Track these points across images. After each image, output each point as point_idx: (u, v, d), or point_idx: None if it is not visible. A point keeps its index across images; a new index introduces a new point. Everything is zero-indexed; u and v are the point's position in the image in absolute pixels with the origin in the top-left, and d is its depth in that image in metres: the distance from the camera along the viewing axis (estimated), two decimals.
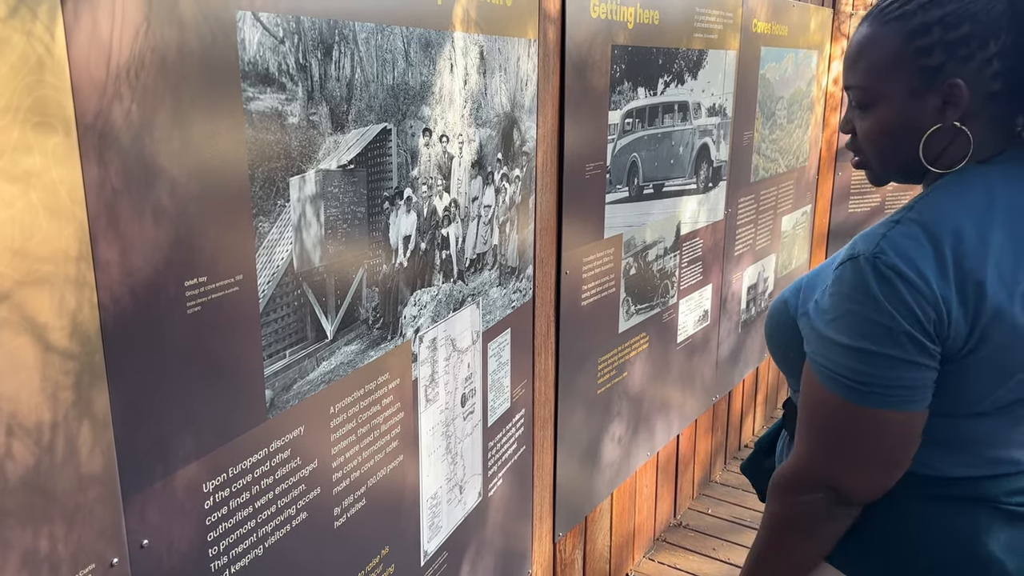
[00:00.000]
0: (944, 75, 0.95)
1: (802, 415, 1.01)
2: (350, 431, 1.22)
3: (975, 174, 0.97)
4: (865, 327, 0.92)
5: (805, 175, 3.55)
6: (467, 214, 1.49)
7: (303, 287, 1.08)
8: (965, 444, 0.99)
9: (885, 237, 0.93)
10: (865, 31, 1.01)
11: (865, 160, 1.05)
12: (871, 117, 1.01)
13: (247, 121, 0.95)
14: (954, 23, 0.93)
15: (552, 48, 1.76)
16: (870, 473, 0.97)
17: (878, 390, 0.93)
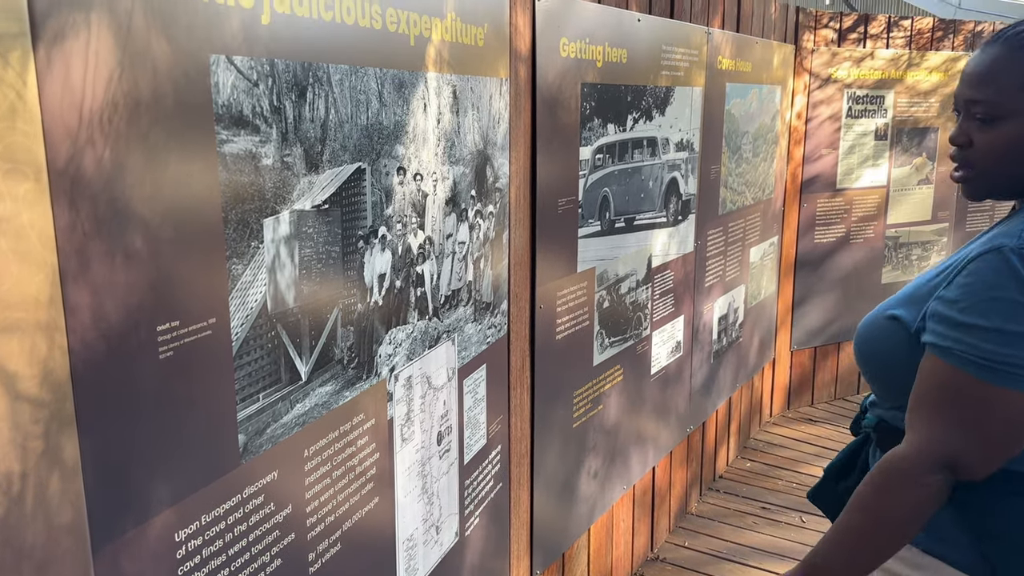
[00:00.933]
0: None
1: (926, 401, 1.07)
2: (325, 474, 1.20)
3: None
4: (1011, 310, 0.99)
5: (771, 207, 3.61)
6: (442, 251, 1.49)
7: (277, 329, 1.07)
8: None
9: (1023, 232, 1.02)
10: (998, 51, 1.10)
11: (971, 173, 1.13)
12: (996, 130, 1.09)
13: (221, 163, 0.95)
14: None
15: (523, 86, 1.78)
16: (993, 451, 1.04)
17: (1015, 370, 0.99)
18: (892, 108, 4.09)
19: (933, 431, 1.06)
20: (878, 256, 4.23)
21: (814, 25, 3.84)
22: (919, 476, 1.05)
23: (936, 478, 1.05)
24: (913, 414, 1.09)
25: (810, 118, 3.87)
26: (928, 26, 4.20)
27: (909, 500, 1.06)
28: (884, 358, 1.17)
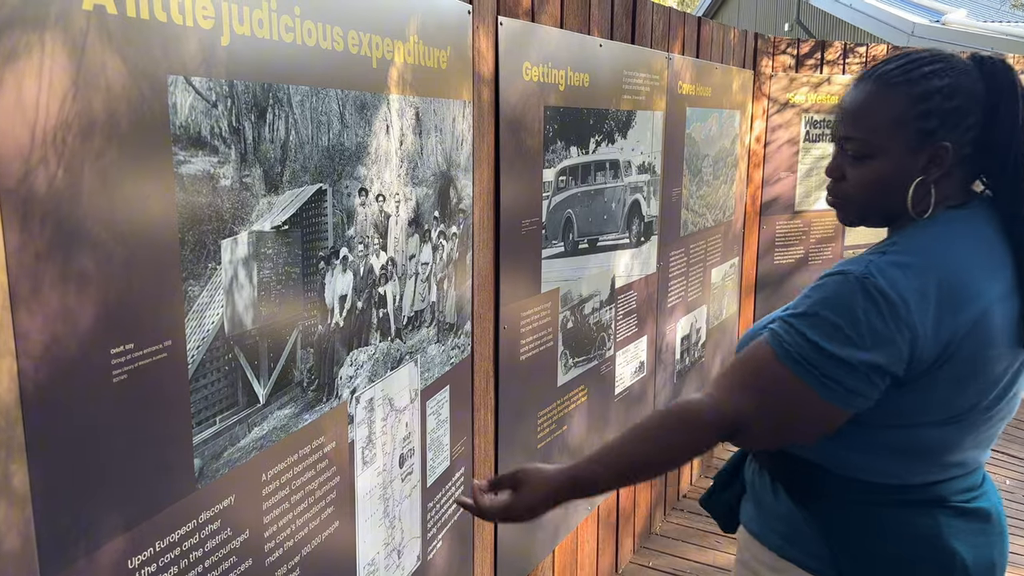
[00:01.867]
0: (936, 137, 1.10)
1: (744, 373, 1.13)
2: (283, 498, 1.18)
3: (951, 218, 1.12)
4: (834, 333, 1.04)
5: (732, 229, 3.67)
6: (404, 272, 1.49)
7: (235, 351, 1.06)
8: (923, 452, 1.12)
9: (873, 263, 1.06)
10: (868, 90, 1.13)
11: (844, 202, 1.18)
12: (867, 167, 1.13)
13: (178, 184, 0.94)
14: (950, 94, 1.09)
15: (487, 109, 1.80)
16: (779, 437, 1.14)
17: (826, 380, 1.05)
18: None
19: (733, 394, 1.12)
20: None
21: (772, 51, 3.93)
22: (706, 426, 1.13)
23: (718, 433, 1.13)
24: (723, 375, 1.16)
25: (769, 142, 3.95)
26: (883, 53, 4.33)
27: (688, 443, 1.14)
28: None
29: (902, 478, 1.13)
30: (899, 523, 1.14)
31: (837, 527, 1.16)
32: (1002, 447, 4.19)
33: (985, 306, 1.06)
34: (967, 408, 1.10)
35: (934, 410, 1.10)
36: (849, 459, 1.15)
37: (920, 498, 1.14)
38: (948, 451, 1.13)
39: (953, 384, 1.08)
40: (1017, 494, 3.66)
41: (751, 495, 1.31)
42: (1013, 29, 8.22)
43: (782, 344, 1.08)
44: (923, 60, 1.12)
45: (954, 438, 1.12)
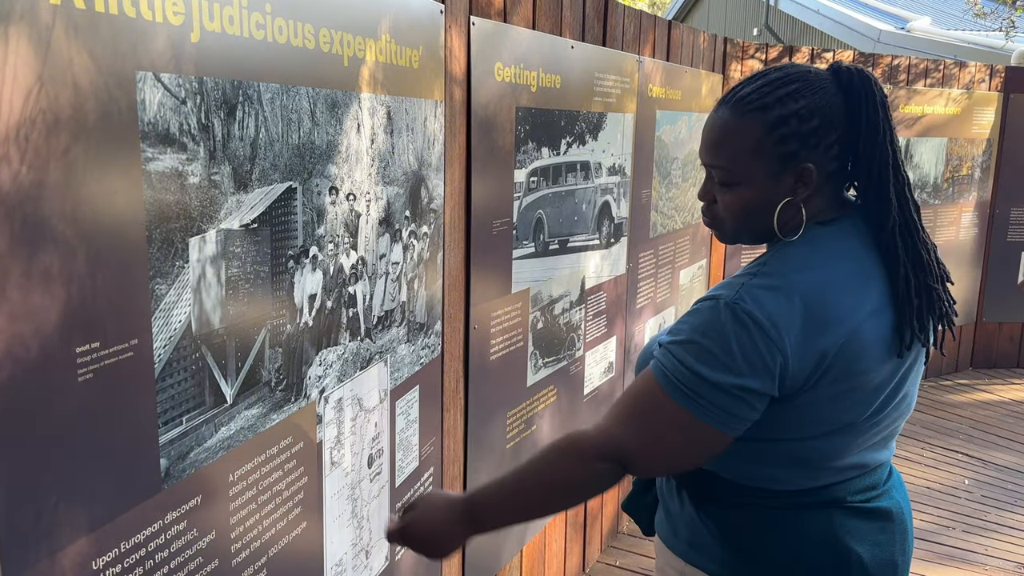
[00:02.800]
0: (798, 160, 1.09)
1: (628, 402, 1.13)
2: (250, 499, 1.18)
3: (818, 236, 1.12)
4: (708, 359, 1.05)
5: (700, 231, 3.71)
6: (375, 271, 1.48)
7: (202, 350, 1.05)
8: (813, 460, 1.13)
9: (744, 287, 1.06)
10: (726, 118, 1.12)
11: (718, 224, 1.18)
12: (733, 193, 1.13)
13: (145, 181, 0.93)
14: (807, 116, 1.08)
15: (458, 109, 1.80)
16: (665, 465, 1.14)
17: (704, 404, 1.06)
18: None
19: (617, 425, 1.12)
20: None
21: (741, 56, 3.98)
22: (590, 460, 1.11)
23: (604, 465, 1.11)
24: (612, 406, 1.16)
25: None
26: (849, 58, 4.41)
27: (573, 477, 1.12)
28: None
29: (795, 484, 1.14)
30: (794, 525, 1.14)
31: (733, 531, 1.17)
32: (960, 447, 4.29)
33: (855, 323, 1.06)
34: (849, 421, 1.11)
35: (815, 425, 1.10)
36: (741, 469, 1.15)
37: (815, 500, 1.14)
38: (838, 457, 1.13)
39: (830, 400, 1.08)
40: (976, 493, 3.75)
41: (662, 502, 1.30)
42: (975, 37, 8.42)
43: (664, 371, 1.08)
44: (779, 82, 1.10)
45: (842, 446, 1.12)
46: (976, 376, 5.46)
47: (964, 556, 3.17)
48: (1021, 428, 4.55)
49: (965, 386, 5.26)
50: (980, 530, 3.39)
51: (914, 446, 4.29)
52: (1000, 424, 4.61)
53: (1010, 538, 3.33)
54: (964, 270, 5.34)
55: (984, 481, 3.87)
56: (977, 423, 4.61)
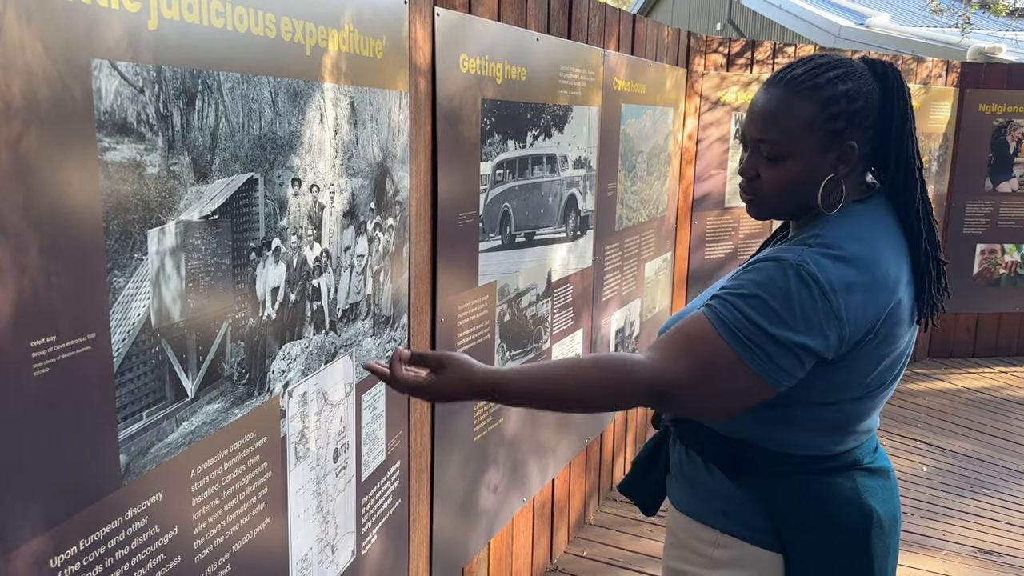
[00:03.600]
0: (843, 137, 1.19)
1: (682, 343, 1.15)
2: (213, 494, 1.16)
3: (859, 211, 1.21)
4: (770, 314, 1.11)
5: (665, 224, 3.74)
6: (339, 264, 1.47)
7: (162, 344, 1.03)
8: (842, 425, 1.23)
9: (805, 252, 1.14)
10: (780, 95, 1.20)
11: (758, 199, 1.25)
12: (780, 167, 1.20)
13: (102, 172, 0.91)
14: (854, 97, 1.18)
15: (423, 100, 1.79)
16: (705, 407, 1.17)
17: (759, 355, 1.11)
18: None
19: (671, 360, 1.15)
20: None
21: (704, 50, 4.01)
22: (636, 382, 1.14)
23: (645, 392, 1.14)
24: (663, 341, 1.18)
25: (700, 139, 4.04)
26: (809, 53, 4.47)
27: (612, 390, 1.14)
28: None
29: (824, 449, 1.23)
30: (826, 489, 1.23)
31: (773, 499, 1.24)
32: (919, 435, 4.39)
33: (898, 291, 1.16)
34: (879, 383, 1.22)
35: (853, 387, 1.19)
36: (775, 436, 1.22)
37: (840, 465, 1.25)
38: (860, 421, 1.24)
39: (871, 363, 1.18)
40: (934, 480, 3.84)
41: (680, 477, 1.35)
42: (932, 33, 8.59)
43: (721, 318, 1.13)
44: (828, 65, 1.19)
45: (866, 409, 1.24)
46: (933, 366, 5.58)
47: (923, 542, 3.24)
48: (977, 416, 4.67)
49: (923, 375, 5.37)
50: (938, 516, 3.48)
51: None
52: (957, 412, 4.73)
53: (967, 523, 3.42)
54: None
55: (942, 468, 3.97)
56: (935, 411, 4.72)
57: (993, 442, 4.32)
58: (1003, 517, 3.48)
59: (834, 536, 1.23)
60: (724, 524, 1.27)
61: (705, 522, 1.29)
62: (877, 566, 1.25)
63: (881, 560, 1.25)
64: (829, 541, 1.23)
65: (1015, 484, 3.81)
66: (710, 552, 1.28)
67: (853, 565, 1.24)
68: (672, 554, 1.37)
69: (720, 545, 1.27)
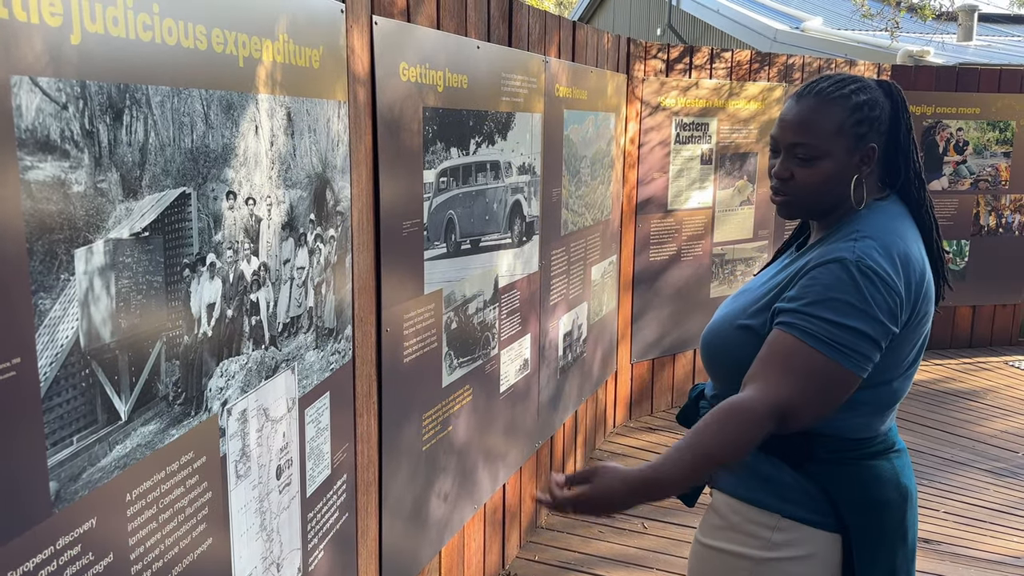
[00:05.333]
0: (866, 140, 1.36)
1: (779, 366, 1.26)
2: (151, 517, 1.13)
3: (884, 207, 1.38)
4: (844, 308, 1.24)
5: (610, 227, 3.78)
6: (278, 277, 1.45)
7: (92, 366, 1.00)
8: (889, 403, 1.37)
9: (857, 248, 1.28)
10: (812, 104, 1.37)
11: (791, 200, 1.40)
12: (814, 168, 1.36)
13: (24, 191, 0.88)
14: (873, 106, 1.36)
15: (363, 109, 1.77)
16: (818, 414, 1.27)
17: (848, 353, 1.24)
18: (716, 134, 4.40)
19: (772, 385, 1.26)
20: (706, 272, 4.52)
21: (644, 55, 4.07)
22: (760, 418, 1.24)
23: (769, 423, 1.24)
24: (755, 374, 1.29)
25: (642, 143, 4.09)
26: (747, 58, 4.57)
27: (745, 429, 1.24)
28: (738, 362, 1.36)
29: (873, 429, 1.36)
30: (874, 471, 1.36)
31: (832, 484, 1.34)
32: None
33: (928, 274, 1.33)
34: (913, 360, 1.36)
35: (898, 365, 1.33)
36: (835, 422, 1.33)
37: (881, 447, 1.38)
38: (898, 400, 1.38)
39: (912, 340, 1.33)
40: None
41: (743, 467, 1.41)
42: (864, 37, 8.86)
43: (807, 332, 1.25)
44: (848, 80, 1.38)
45: (905, 387, 1.38)
46: None
47: None
48: (914, 408, 4.83)
49: None
50: None
51: None
52: (903, 406, 4.88)
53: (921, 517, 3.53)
54: None
55: None
56: None
57: (930, 433, 4.47)
58: (940, 506, 3.60)
59: (883, 514, 1.35)
60: (783, 508, 1.36)
61: (763, 506, 1.37)
62: (911, 537, 1.39)
63: (913, 531, 1.40)
64: (879, 519, 1.34)
65: (951, 474, 3.95)
66: (768, 535, 1.37)
67: (895, 539, 1.36)
68: (720, 536, 1.43)
69: (780, 529, 1.36)
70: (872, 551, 1.34)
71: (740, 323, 1.39)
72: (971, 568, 3.07)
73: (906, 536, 1.39)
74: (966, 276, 5.88)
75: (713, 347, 1.45)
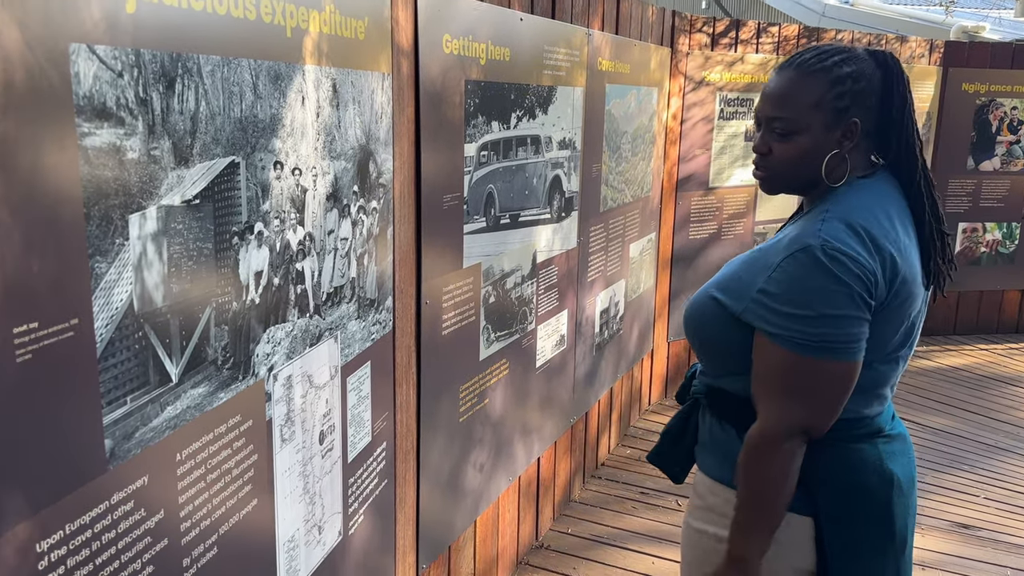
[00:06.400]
0: (848, 115, 1.30)
1: (766, 380, 1.27)
2: (199, 477, 1.17)
3: (864, 185, 1.32)
4: (824, 296, 1.21)
5: (649, 204, 3.75)
6: (323, 247, 1.47)
7: (145, 329, 1.03)
8: (873, 386, 1.32)
9: (822, 232, 1.24)
10: (792, 76, 1.32)
11: (770, 174, 1.36)
12: (791, 143, 1.32)
13: (82, 157, 0.91)
14: (858, 78, 1.29)
15: (406, 81, 1.78)
16: (832, 412, 1.26)
17: (838, 345, 1.22)
18: None
19: (778, 405, 1.25)
20: (747, 251, 4.46)
21: (689, 29, 4.00)
22: (780, 443, 1.25)
23: (793, 442, 1.25)
24: (759, 394, 1.28)
25: (685, 119, 4.04)
26: (794, 33, 4.47)
27: (775, 463, 1.25)
28: (709, 332, 1.38)
29: (856, 412, 1.32)
30: (854, 455, 1.32)
31: (807, 466, 1.30)
32: (898, 412, 4.45)
33: (909, 255, 1.28)
34: (901, 344, 1.32)
35: (882, 347, 1.29)
36: None
37: (867, 432, 1.34)
38: (887, 383, 1.34)
39: (894, 322, 1.28)
40: None
41: (712, 446, 1.42)
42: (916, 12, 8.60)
43: (794, 341, 1.23)
44: (833, 51, 1.31)
45: (892, 371, 1.34)
46: None
47: None
48: (955, 392, 4.74)
49: None
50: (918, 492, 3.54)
51: None
52: (935, 389, 4.80)
53: (945, 498, 3.48)
54: None
55: (921, 444, 4.03)
56: (914, 388, 4.79)
57: (972, 418, 4.39)
58: (981, 492, 3.54)
59: (861, 500, 1.32)
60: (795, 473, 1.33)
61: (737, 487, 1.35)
62: (898, 526, 1.35)
63: (901, 520, 1.35)
64: (857, 504, 1.31)
65: (993, 460, 3.88)
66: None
67: (876, 525, 1.33)
68: (700, 516, 1.43)
69: None
70: (845, 536, 1.31)
71: (712, 294, 1.37)
72: (1011, 555, 3.03)
73: (892, 524, 1.34)
74: (1015, 259, 5.73)
75: (690, 316, 1.43)
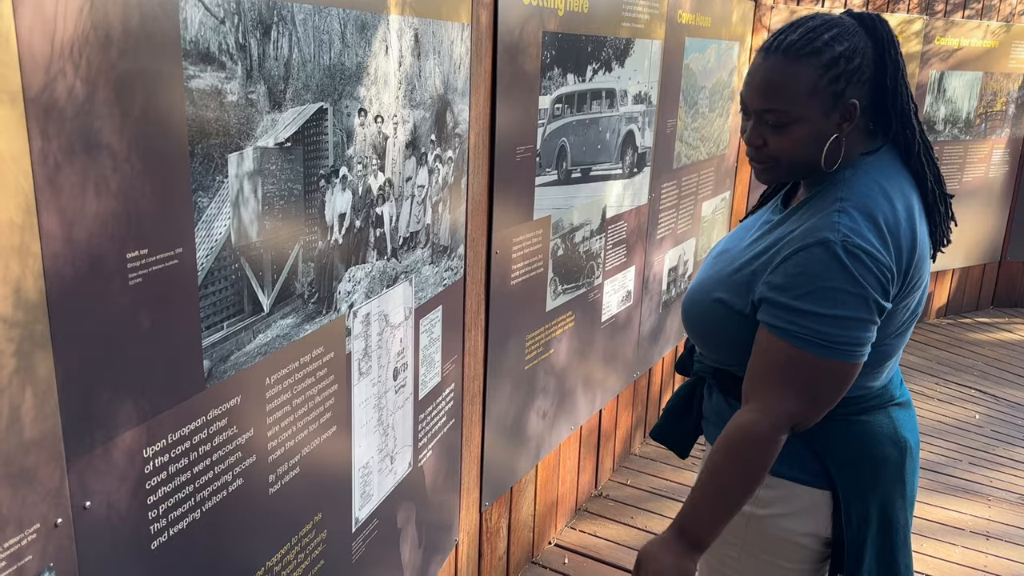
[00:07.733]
0: (845, 97, 1.21)
1: (766, 373, 1.22)
2: (285, 402, 1.26)
3: (871, 164, 1.25)
4: (839, 297, 1.16)
5: (724, 163, 3.70)
6: (401, 193, 1.53)
7: (241, 261, 1.12)
8: (883, 360, 1.29)
9: (841, 224, 1.17)
10: (780, 64, 1.21)
11: (766, 166, 1.27)
12: (786, 134, 1.22)
13: (188, 98, 0.98)
14: (851, 56, 1.20)
15: (484, 32, 1.81)
16: (827, 408, 1.23)
17: (845, 347, 1.18)
18: None
19: (775, 398, 1.21)
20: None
21: None
22: (771, 436, 1.20)
23: (783, 435, 1.21)
24: (754, 385, 1.24)
25: None
26: None
27: (762, 457, 1.21)
28: (715, 332, 1.34)
29: (867, 386, 1.30)
30: (869, 427, 1.31)
31: (822, 441, 1.30)
32: (974, 383, 4.33)
33: (921, 233, 1.23)
34: (909, 317, 1.29)
35: (892, 326, 1.26)
36: None
37: (879, 402, 1.33)
38: (896, 354, 1.32)
39: (905, 307, 1.25)
40: (985, 428, 3.82)
41: (720, 424, 1.40)
42: None
43: (801, 337, 1.18)
44: (821, 28, 1.21)
45: (901, 343, 1.31)
46: (997, 315, 5.46)
47: (970, 488, 3.25)
48: None
49: (985, 324, 5.27)
50: (987, 463, 3.47)
51: (928, 381, 4.35)
52: (1015, 362, 4.64)
53: (1015, 471, 3.41)
54: (991, 209, 5.28)
55: (995, 417, 3.94)
56: (993, 361, 4.65)
57: None
58: None
59: (877, 469, 1.31)
60: (776, 468, 1.32)
61: None
62: (909, 490, 1.35)
63: (911, 485, 1.36)
64: (873, 474, 1.30)
65: None
66: (759, 492, 1.33)
67: (891, 492, 1.32)
68: None
69: (769, 486, 1.33)
70: (864, 507, 1.30)
71: (716, 296, 1.31)
72: None
73: (904, 489, 1.34)
74: None
75: (691, 317, 1.38)
